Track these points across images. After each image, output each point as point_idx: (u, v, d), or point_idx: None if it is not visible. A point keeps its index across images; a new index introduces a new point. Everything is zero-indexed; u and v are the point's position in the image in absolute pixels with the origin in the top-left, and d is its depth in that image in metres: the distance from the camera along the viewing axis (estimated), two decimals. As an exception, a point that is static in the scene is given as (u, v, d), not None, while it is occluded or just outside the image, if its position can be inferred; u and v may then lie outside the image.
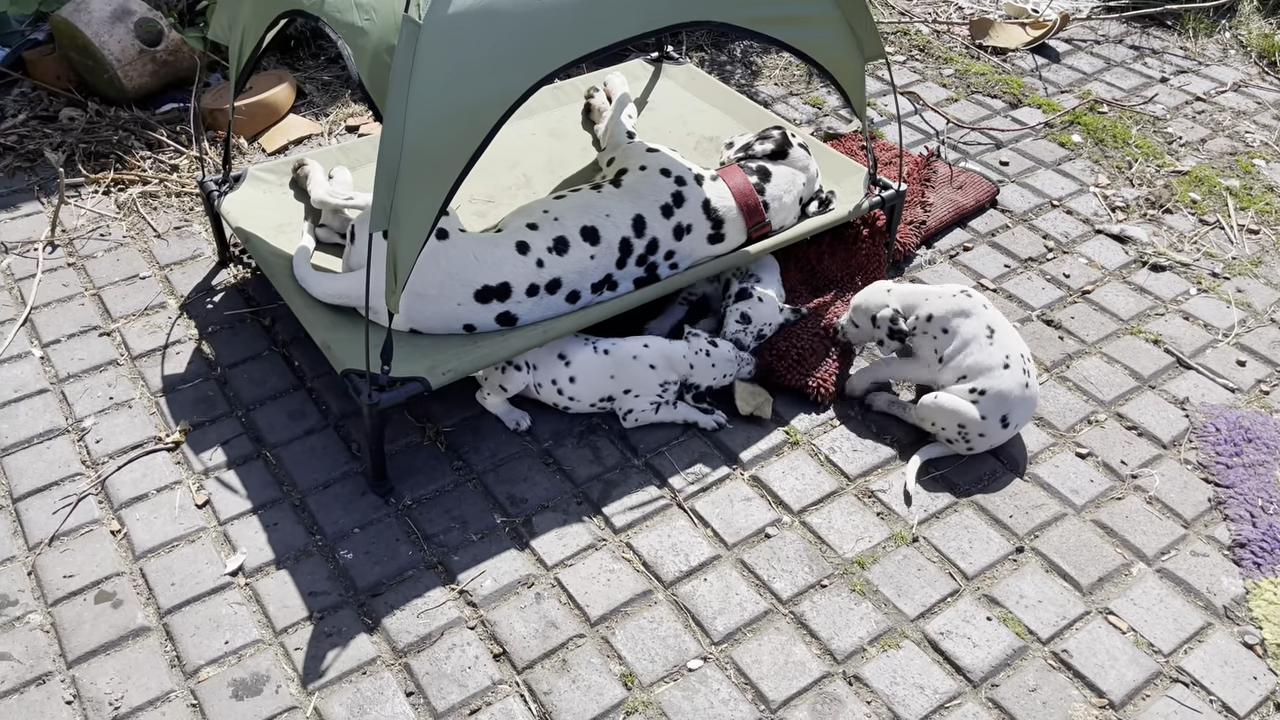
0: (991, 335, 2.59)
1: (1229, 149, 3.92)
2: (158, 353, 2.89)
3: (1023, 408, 2.58)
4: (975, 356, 2.58)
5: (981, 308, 2.63)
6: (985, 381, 2.55)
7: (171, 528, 2.44)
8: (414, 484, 2.56)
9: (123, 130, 3.71)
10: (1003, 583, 2.39)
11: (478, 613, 2.30)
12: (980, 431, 2.55)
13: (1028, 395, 2.57)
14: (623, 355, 2.67)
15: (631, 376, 2.67)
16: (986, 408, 2.54)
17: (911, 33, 4.57)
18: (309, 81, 4.03)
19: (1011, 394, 2.55)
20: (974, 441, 2.58)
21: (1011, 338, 2.62)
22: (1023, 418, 2.60)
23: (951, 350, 2.61)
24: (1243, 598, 2.36)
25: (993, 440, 2.59)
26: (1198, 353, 3.02)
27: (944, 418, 2.57)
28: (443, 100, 2.16)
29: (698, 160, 3.23)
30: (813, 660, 2.23)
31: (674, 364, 2.69)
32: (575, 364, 2.65)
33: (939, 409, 2.57)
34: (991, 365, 2.56)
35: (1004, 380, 2.55)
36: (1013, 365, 2.56)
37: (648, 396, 2.68)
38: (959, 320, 2.61)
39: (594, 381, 2.67)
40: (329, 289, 2.67)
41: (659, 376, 2.67)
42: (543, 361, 2.65)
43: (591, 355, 2.66)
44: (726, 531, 2.48)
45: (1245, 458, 2.67)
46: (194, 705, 2.12)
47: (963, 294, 2.65)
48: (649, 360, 2.67)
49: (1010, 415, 2.56)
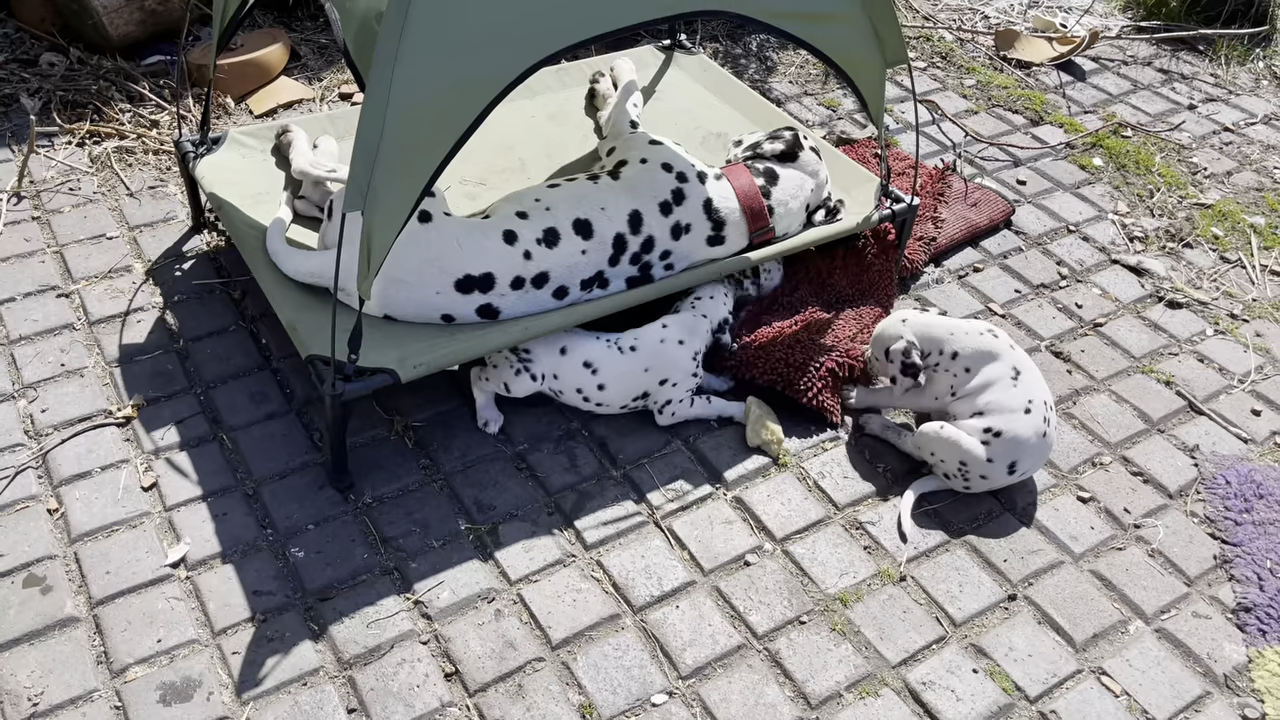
0: (1017, 377, 2.43)
1: (1256, 184, 3.77)
2: (117, 319, 2.73)
3: (1034, 456, 2.42)
4: (996, 395, 2.42)
5: (1009, 349, 2.48)
6: (1002, 423, 2.39)
7: (113, 510, 2.29)
8: (376, 481, 2.41)
9: (104, 80, 3.54)
10: (992, 632, 2.25)
11: (432, 626, 2.15)
12: (982, 474, 2.41)
13: (1043, 444, 2.42)
14: (650, 345, 2.53)
15: (666, 363, 2.52)
16: (997, 451, 2.39)
17: (935, 39, 4.40)
18: (305, 43, 3.86)
19: (1027, 441, 2.39)
20: (973, 481, 2.43)
21: (1037, 382, 2.45)
22: (1031, 466, 2.45)
23: (970, 388, 2.46)
24: (1245, 667, 2.23)
25: (994, 483, 2.44)
26: (1211, 398, 2.88)
27: (946, 450, 2.42)
28: (431, 75, 2.00)
29: (703, 157, 3.07)
30: (785, 703, 2.08)
31: (695, 328, 2.58)
32: (603, 370, 2.49)
33: (942, 441, 2.42)
34: (1013, 408, 2.40)
35: (1022, 425, 2.39)
36: (1034, 411, 2.40)
37: (685, 384, 2.54)
38: (985, 363, 2.45)
39: (626, 383, 2.51)
40: (301, 266, 2.50)
41: (690, 350, 2.55)
42: (565, 370, 2.48)
43: (619, 357, 2.51)
44: (704, 556, 2.33)
45: (1255, 515, 2.53)
46: (118, 708, 1.97)
47: (989, 334, 2.49)
48: (676, 337, 2.54)
49: (1020, 462, 2.41)
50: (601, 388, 2.50)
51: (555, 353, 2.48)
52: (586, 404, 2.53)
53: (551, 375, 2.49)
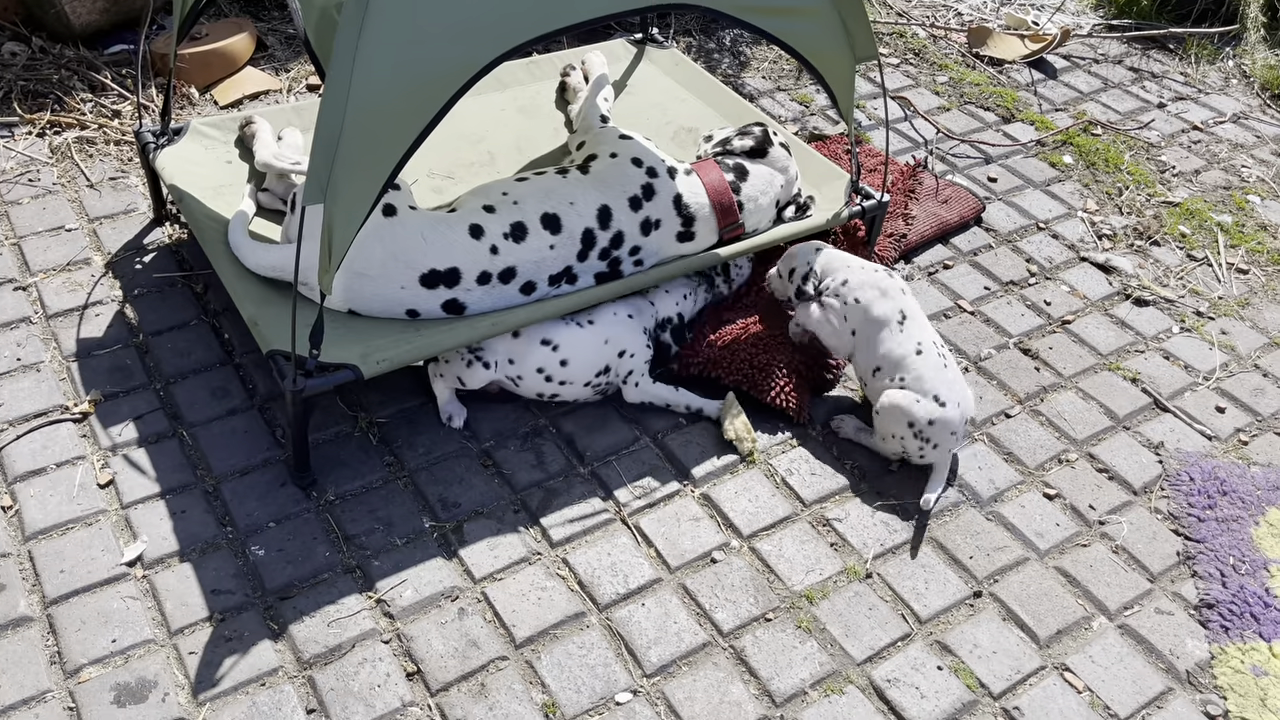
0: (903, 322, 2.50)
1: (1223, 183, 3.79)
2: (75, 313, 2.68)
3: (950, 388, 2.46)
4: (887, 346, 2.49)
5: (899, 292, 2.55)
6: (902, 371, 2.47)
7: (68, 508, 2.24)
8: (339, 478, 2.38)
9: (66, 70, 3.47)
10: (957, 629, 2.25)
11: (394, 625, 2.12)
12: (928, 418, 2.42)
13: (950, 377, 2.48)
14: (605, 317, 2.56)
15: (621, 334, 2.55)
16: (917, 390, 2.45)
17: (908, 35, 4.40)
18: (271, 33, 3.80)
19: (931, 375, 2.45)
20: (931, 433, 2.43)
21: (922, 326, 2.53)
22: (956, 397, 2.46)
23: (863, 337, 2.52)
24: (1207, 663, 2.24)
25: (946, 427, 2.43)
26: (1176, 395, 2.90)
27: (894, 421, 2.46)
28: (392, 68, 1.97)
29: (674, 152, 3.05)
30: (749, 701, 2.07)
31: (640, 309, 2.62)
32: (564, 345, 2.48)
33: (888, 413, 2.46)
34: (904, 354, 2.48)
35: (920, 364, 2.46)
36: (925, 350, 2.47)
37: (641, 354, 2.57)
38: (873, 296, 2.52)
39: (588, 356, 2.51)
40: (263, 260, 2.47)
41: (639, 324, 2.59)
42: (522, 352, 2.47)
43: (578, 330, 2.51)
44: (670, 553, 2.32)
45: (1219, 511, 2.55)
46: (71, 709, 1.93)
47: (885, 273, 2.58)
48: (626, 312, 2.59)
49: (941, 394, 2.44)
50: (565, 364, 2.48)
51: (507, 337, 2.46)
52: (549, 385, 2.50)
53: (507, 361, 2.47)
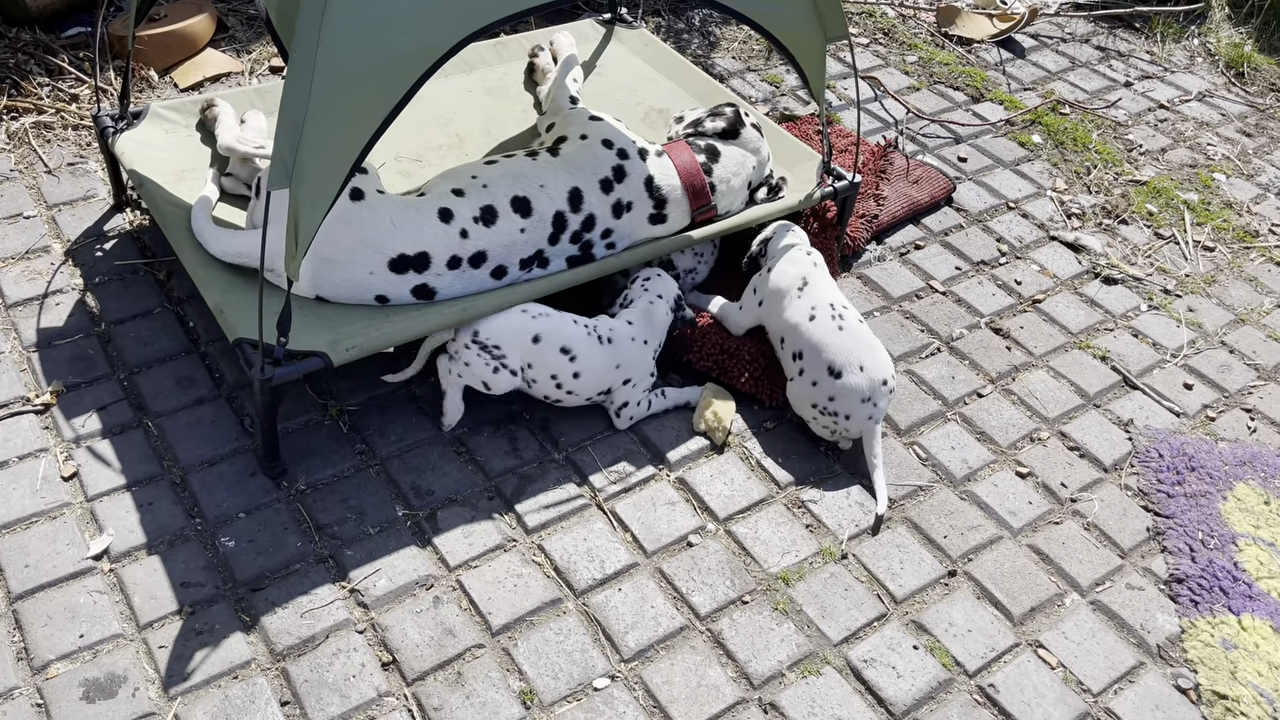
0: (802, 289, 2.55)
1: (1189, 161, 3.82)
2: (35, 302, 2.62)
3: (848, 354, 2.42)
4: (786, 314, 2.53)
5: (811, 265, 2.61)
6: (796, 340, 2.50)
7: (31, 501, 2.20)
8: (310, 467, 2.35)
9: (22, 54, 3.38)
10: (932, 608, 2.26)
11: (368, 615, 2.10)
12: (828, 394, 2.42)
13: (844, 337, 2.45)
14: (622, 340, 2.48)
15: (631, 362, 2.48)
16: (808, 367, 2.47)
17: (877, 15, 4.39)
18: (232, 14, 3.73)
19: (824, 341, 2.45)
20: (838, 406, 2.42)
21: (824, 290, 2.56)
22: (856, 361, 2.42)
23: (768, 306, 2.58)
24: (1177, 637, 2.27)
25: (852, 395, 2.40)
26: (1145, 372, 2.92)
27: (801, 408, 2.51)
28: (357, 49, 1.93)
29: (644, 133, 3.03)
30: (727, 684, 2.08)
31: (654, 325, 2.53)
32: (581, 358, 2.41)
33: (794, 404, 2.52)
34: (797, 321, 2.50)
35: (812, 331, 2.47)
36: (819, 315, 2.48)
37: (643, 384, 2.51)
38: (781, 261, 2.62)
39: (599, 373, 2.44)
40: (227, 246, 2.42)
41: (650, 350, 2.53)
42: (540, 358, 2.40)
43: (597, 346, 2.44)
44: (647, 537, 2.31)
45: (1187, 487, 2.58)
46: (39, 705, 1.89)
47: (803, 246, 2.67)
48: (642, 337, 2.51)
49: (836, 362, 2.42)
50: (577, 376, 2.42)
51: (527, 342, 2.38)
52: (558, 391, 2.45)
53: (526, 365, 2.41)
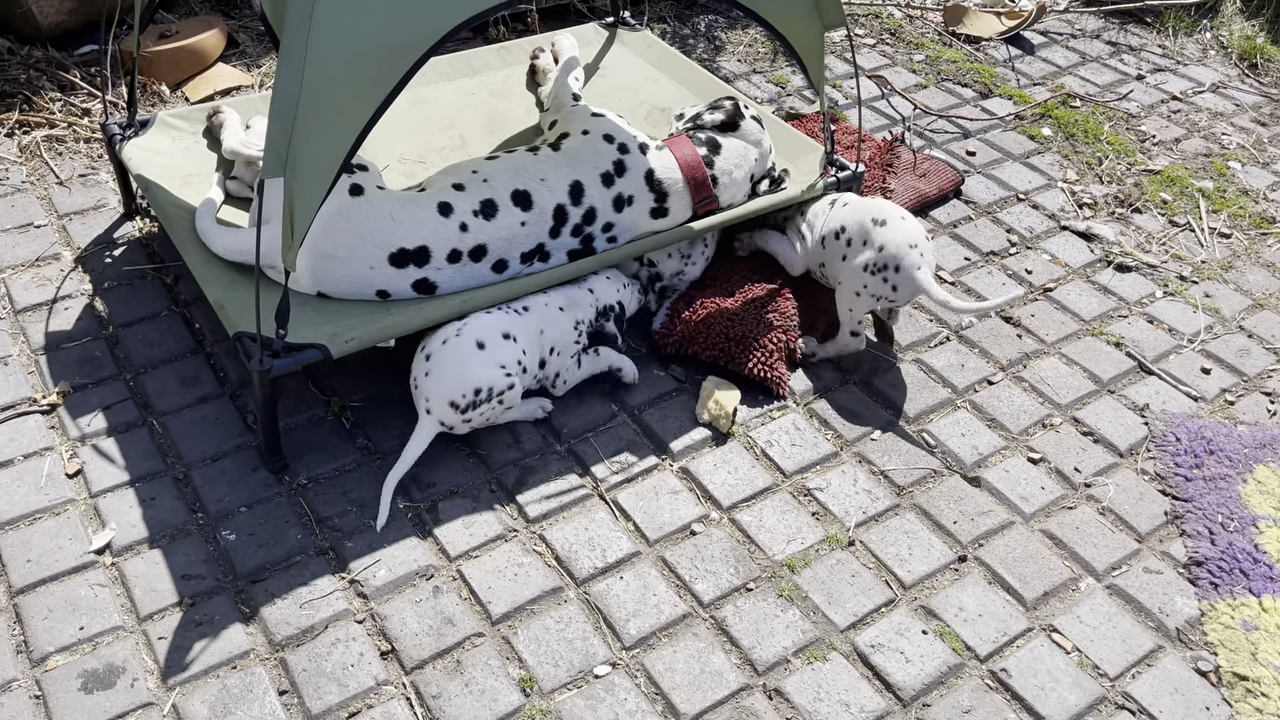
0: (833, 203, 2.77)
1: (1204, 150, 3.77)
2: (44, 307, 2.65)
3: (887, 206, 2.63)
4: (830, 215, 2.73)
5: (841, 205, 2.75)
6: (839, 219, 2.68)
7: (36, 498, 2.21)
8: (311, 461, 2.34)
9: (34, 70, 3.44)
10: (942, 593, 2.21)
11: (368, 605, 2.09)
12: (878, 244, 2.56)
13: (883, 201, 2.67)
14: (537, 304, 2.46)
15: (552, 327, 2.46)
16: (853, 231, 2.63)
17: (884, 15, 4.39)
18: (243, 30, 3.78)
19: (865, 203, 2.66)
20: (891, 261, 2.54)
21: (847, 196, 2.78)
22: (899, 212, 2.61)
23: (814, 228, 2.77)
24: (1197, 620, 2.20)
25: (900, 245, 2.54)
26: (1161, 358, 2.87)
27: (851, 281, 2.61)
28: (349, 36, 1.94)
29: (648, 131, 3.03)
30: (731, 670, 2.04)
31: (577, 301, 2.52)
32: (520, 336, 2.38)
33: (848, 282, 2.62)
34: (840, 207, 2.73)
35: (853, 202, 2.71)
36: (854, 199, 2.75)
37: (569, 350, 2.49)
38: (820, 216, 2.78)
39: (534, 345, 2.42)
40: (229, 244, 2.44)
41: (570, 318, 2.50)
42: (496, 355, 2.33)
43: (518, 318, 2.41)
44: (649, 526, 2.28)
45: (1206, 470, 2.52)
46: (37, 697, 1.89)
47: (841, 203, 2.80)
48: (557, 304, 2.49)
49: (879, 214, 2.60)
50: (525, 353, 2.40)
51: (480, 356, 2.30)
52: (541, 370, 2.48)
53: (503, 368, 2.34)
